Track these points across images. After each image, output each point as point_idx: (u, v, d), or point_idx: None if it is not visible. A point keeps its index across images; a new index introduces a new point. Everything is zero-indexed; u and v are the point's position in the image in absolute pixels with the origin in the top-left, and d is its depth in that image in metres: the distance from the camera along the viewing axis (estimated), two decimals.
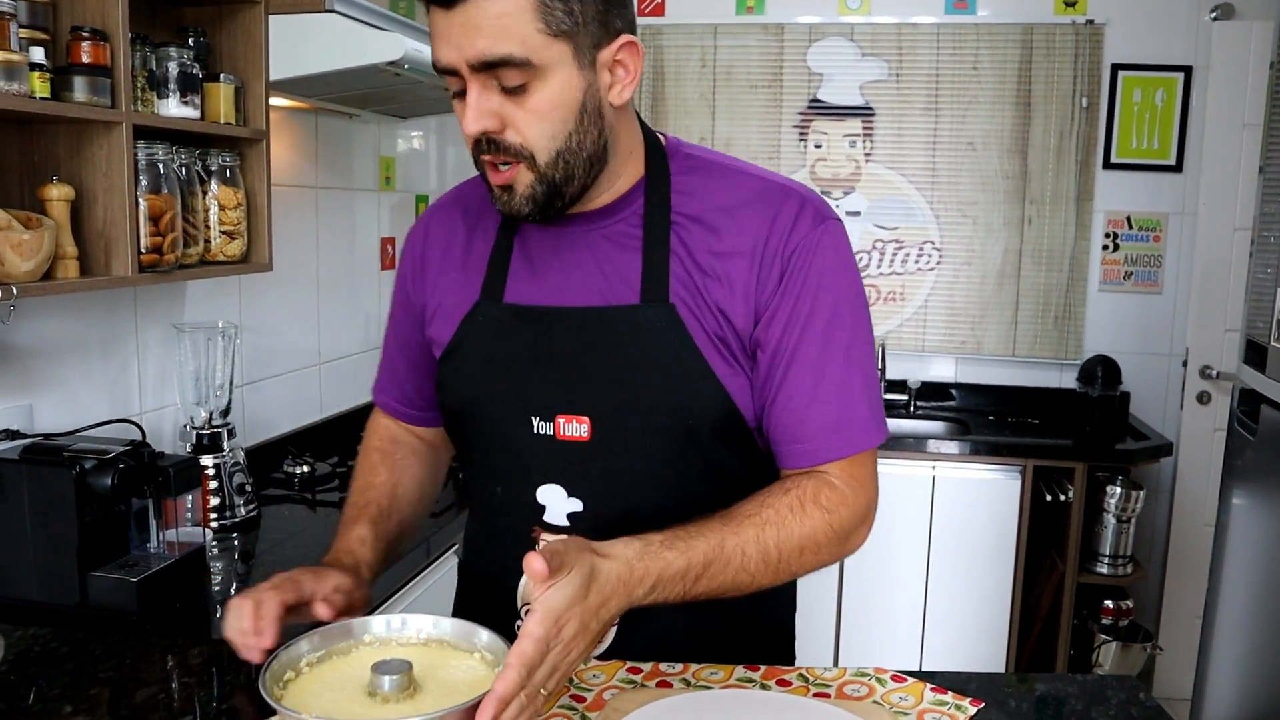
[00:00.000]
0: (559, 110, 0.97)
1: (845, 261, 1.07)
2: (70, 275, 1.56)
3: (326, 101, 2.44)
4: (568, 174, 1.00)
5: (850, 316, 1.06)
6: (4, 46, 1.39)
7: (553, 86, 0.96)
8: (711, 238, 1.05)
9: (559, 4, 0.93)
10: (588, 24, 0.95)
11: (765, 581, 1.00)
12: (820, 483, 1.04)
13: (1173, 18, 3.20)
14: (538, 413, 1.07)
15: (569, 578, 0.85)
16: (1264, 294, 1.91)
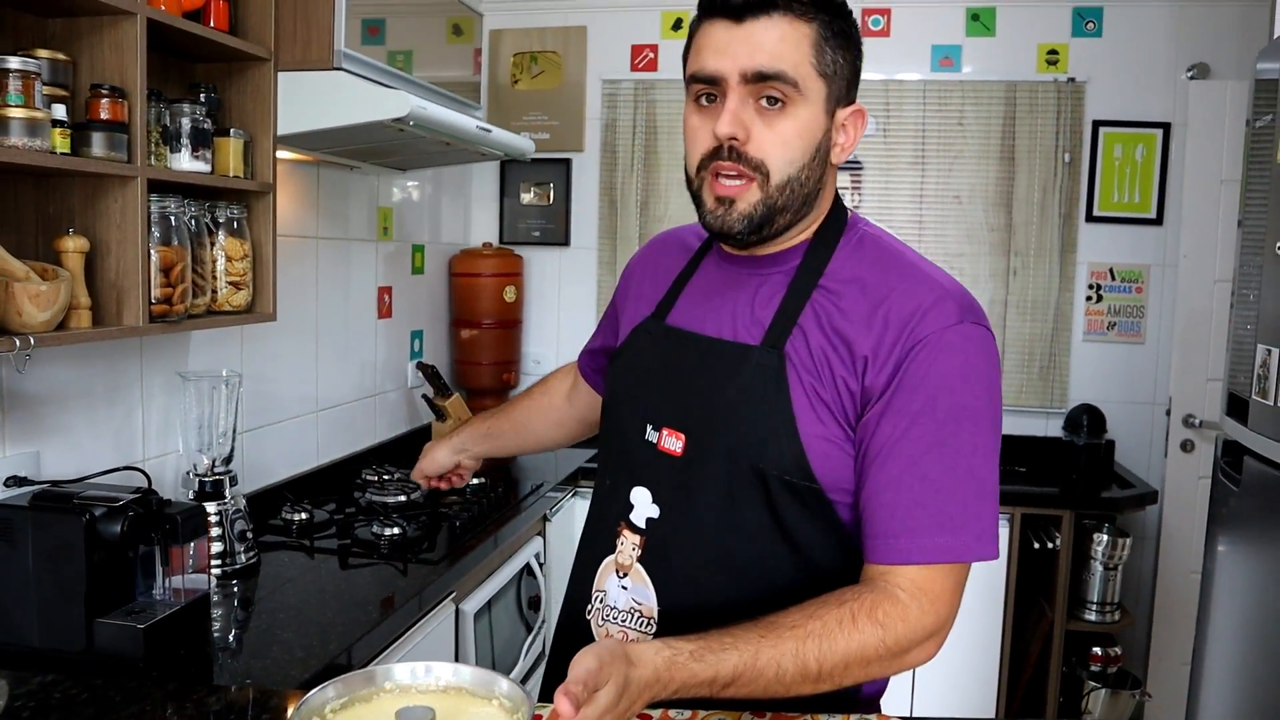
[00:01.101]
0: (801, 139, 1.08)
1: (975, 368, 1.06)
2: (83, 325, 1.59)
3: (330, 155, 2.49)
4: (787, 203, 1.10)
5: (970, 424, 1.05)
6: (29, 104, 1.43)
7: (804, 115, 1.07)
8: (848, 307, 1.09)
9: (829, 49, 1.07)
10: (840, 78, 1.09)
11: (805, 691, 1.00)
12: (881, 595, 1.03)
13: (1151, 76, 3.30)
14: (651, 420, 1.17)
15: (606, 691, 0.90)
16: (1244, 348, 1.97)
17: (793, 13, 1.06)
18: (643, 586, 1.16)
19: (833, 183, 1.16)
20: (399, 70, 2.29)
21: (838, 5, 1.09)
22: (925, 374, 1.04)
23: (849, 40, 1.10)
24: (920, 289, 1.08)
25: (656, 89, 3.54)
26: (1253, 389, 1.88)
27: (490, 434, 1.69)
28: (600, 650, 0.93)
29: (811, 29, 1.06)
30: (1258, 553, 1.92)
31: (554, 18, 3.58)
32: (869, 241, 1.16)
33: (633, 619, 1.17)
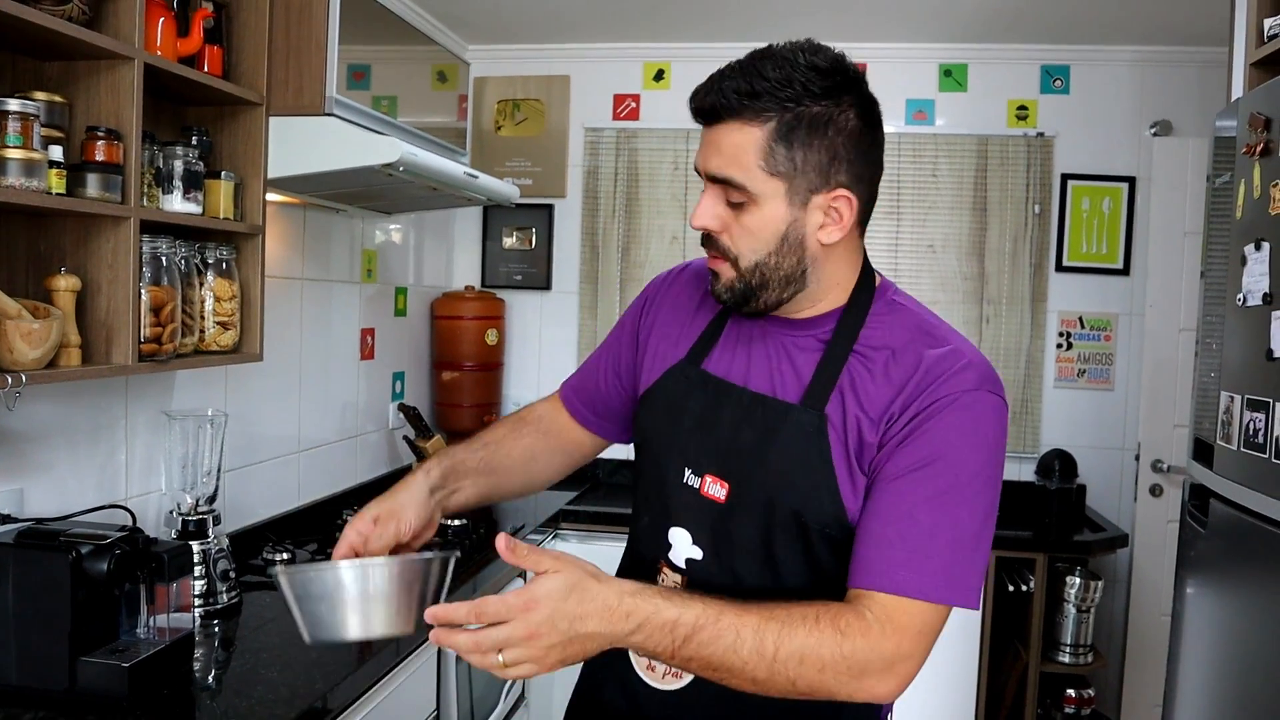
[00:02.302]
0: (763, 233, 1.13)
1: (983, 432, 1.10)
2: (73, 363, 1.61)
3: (317, 197, 2.52)
4: (762, 283, 1.15)
5: (968, 481, 1.09)
6: (27, 145, 1.46)
7: (764, 212, 1.12)
8: (878, 373, 1.14)
9: (783, 151, 1.09)
10: (806, 172, 1.10)
11: (759, 675, 1.02)
12: (849, 610, 1.06)
13: (1116, 132, 3.41)
14: (691, 465, 1.21)
15: (557, 575, 0.99)
16: (1209, 394, 2.02)
17: (743, 118, 1.09)
18: None
19: (841, 256, 1.18)
20: (387, 116, 2.33)
21: (797, 94, 1.08)
22: (936, 430, 1.09)
23: (820, 128, 1.09)
24: (946, 358, 1.13)
25: (639, 137, 3.61)
26: (1217, 434, 1.94)
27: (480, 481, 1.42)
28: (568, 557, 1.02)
29: (763, 132, 1.09)
30: (1225, 594, 1.96)
31: (538, 66, 3.65)
32: (900, 310, 1.20)
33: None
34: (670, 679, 1.22)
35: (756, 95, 1.08)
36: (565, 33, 3.50)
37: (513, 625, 0.98)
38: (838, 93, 1.10)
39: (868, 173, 1.15)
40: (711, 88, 1.11)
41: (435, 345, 3.50)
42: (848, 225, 1.14)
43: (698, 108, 1.13)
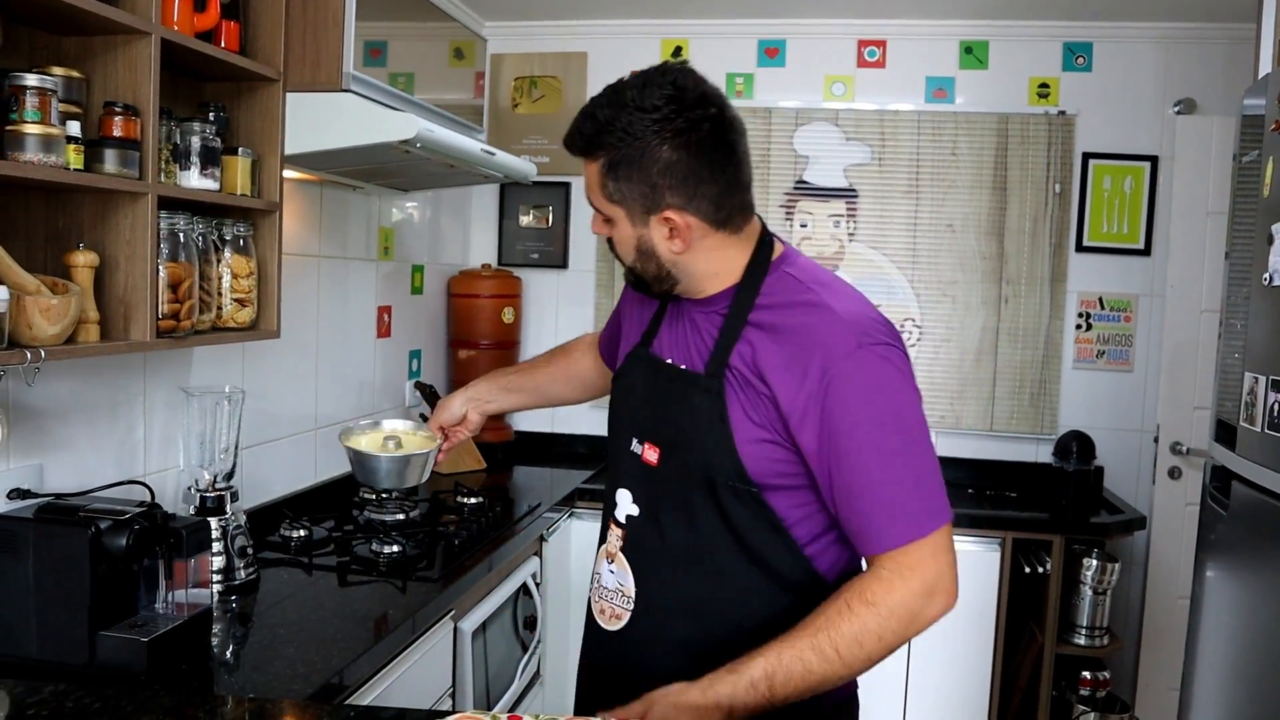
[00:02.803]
0: (623, 244, 1.36)
1: (880, 379, 1.24)
2: (91, 339, 1.61)
3: (333, 175, 2.52)
4: (640, 281, 1.39)
5: (894, 426, 1.24)
6: (45, 121, 1.46)
7: (619, 229, 1.34)
8: (777, 347, 1.28)
9: (611, 183, 1.30)
10: (632, 199, 1.29)
11: (840, 674, 1.20)
12: (868, 579, 1.24)
13: (1139, 111, 3.37)
14: (636, 434, 1.41)
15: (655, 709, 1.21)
16: (1232, 375, 2.00)
17: (585, 156, 1.32)
18: (624, 572, 1.42)
19: (707, 252, 1.33)
20: (404, 92, 2.32)
21: (610, 139, 1.27)
22: (844, 402, 1.23)
23: (630, 168, 1.27)
24: (821, 326, 1.27)
25: None
26: (1240, 415, 1.92)
27: (510, 388, 1.86)
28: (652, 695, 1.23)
29: (597, 167, 1.30)
30: (1246, 577, 1.94)
31: (555, 43, 3.63)
32: (788, 280, 1.34)
33: (617, 597, 1.43)
34: (614, 621, 1.43)
35: (587, 139, 1.30)
36: (582, 9, 3.47)
37: None
38: (658, 127, 1.25)
39: (704, 189, 1.29)
40: (573, 126, 1.33)
41: (452, 323, 3.50)
42: (691, 237, 1.30)
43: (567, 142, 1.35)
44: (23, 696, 1.21)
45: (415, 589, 2.05)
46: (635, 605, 1.40)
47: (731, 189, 1.32)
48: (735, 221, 1.34)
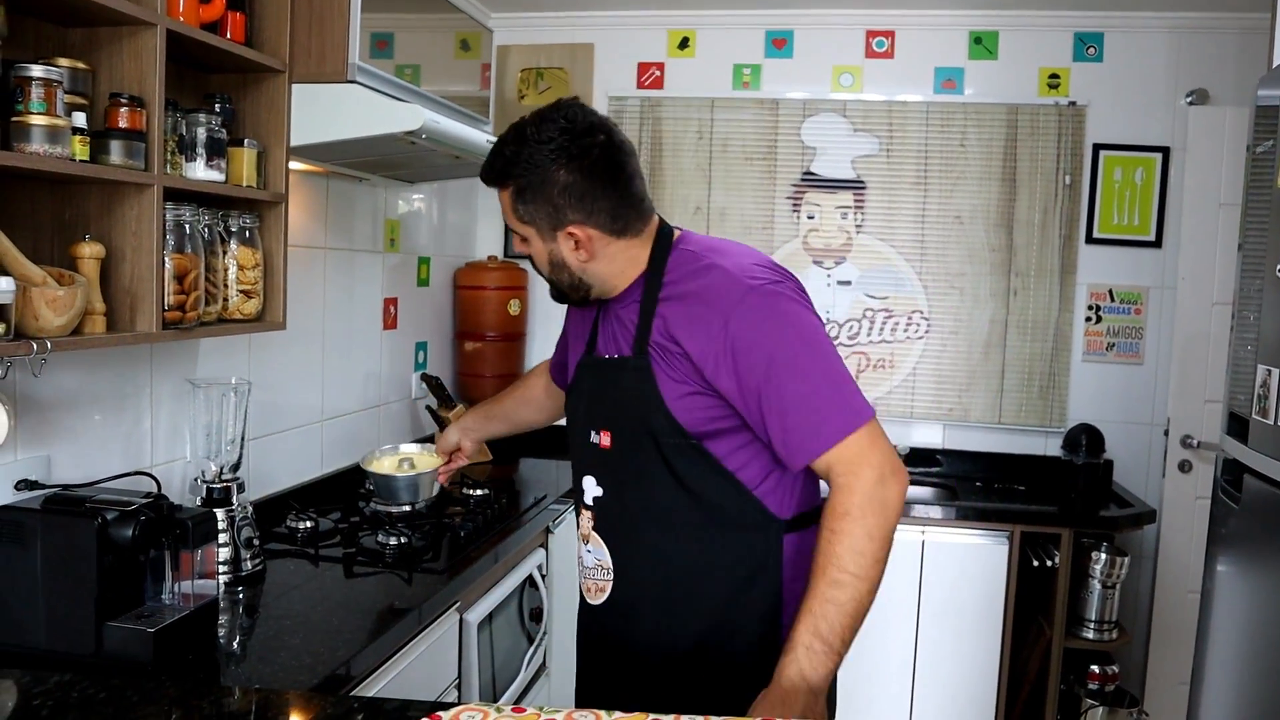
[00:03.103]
0: (538, 259, 1.56)
1: (774, 313, 1.43)
2: (98, 330, 1.61)
3: (339, 166, 2.51)
4: (559, 292, 1.60)
5: (795, 345, 1.41)
6: (51, 112, 1.46)
7: (533, 245, 1.55)
8: (684, 310, 1.47)
9: (521, 206, 1.50)
10: (539, 219, 1.50)
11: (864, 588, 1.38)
12: (831, 500, 1.41)
13: (1150, 101, 3.34)
14: (592, 426, 1.58)
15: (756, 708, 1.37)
16: (1244, 368, 1.99)
17: (496, 186, 1.53)
18: (600, 548, 1.59)
19: (613, 257, 1.53)
20: (410, 84, 2.31)
21: (513, 170, 1.48)
22: (748, 342, 1.40)
23: (534, 193, 1.48)
24: (715, 283, 1.45)
25: (663, 106, 3.57)
26: (1253, 408, 1.90)
27: (489, 417, 2.14)
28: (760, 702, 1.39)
29: (507, 195, 1.51)
30: (1258, 572, 1.93)
31: (561, 34, 3.62)
32: (685, 255, 1.53)
33: (598, 572, 1.60)
34: (599, 594, 1.61)
35: (498, 172, 1.51)
36: (588, 0, 3.46)
37: None
38: (554, 156, 1.45)
39: (600, 204, 1.48)
40: (484, 166, 1.54)
41: (458, 315, 3.50)
42: (594, 247, 1.50)
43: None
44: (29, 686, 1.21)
45: (421, 580, 2.05)
46: (614, 575, 1.57)
47: (625, 202, 1.50)
48: (634, 228, 1.52)
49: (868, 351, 3.53)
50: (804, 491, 1.54)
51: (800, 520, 1.53)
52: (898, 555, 2.97)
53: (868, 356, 3.53)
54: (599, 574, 1.60)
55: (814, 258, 3.55)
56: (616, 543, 1.57)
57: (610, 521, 1.58)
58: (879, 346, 3.52)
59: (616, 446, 1.54)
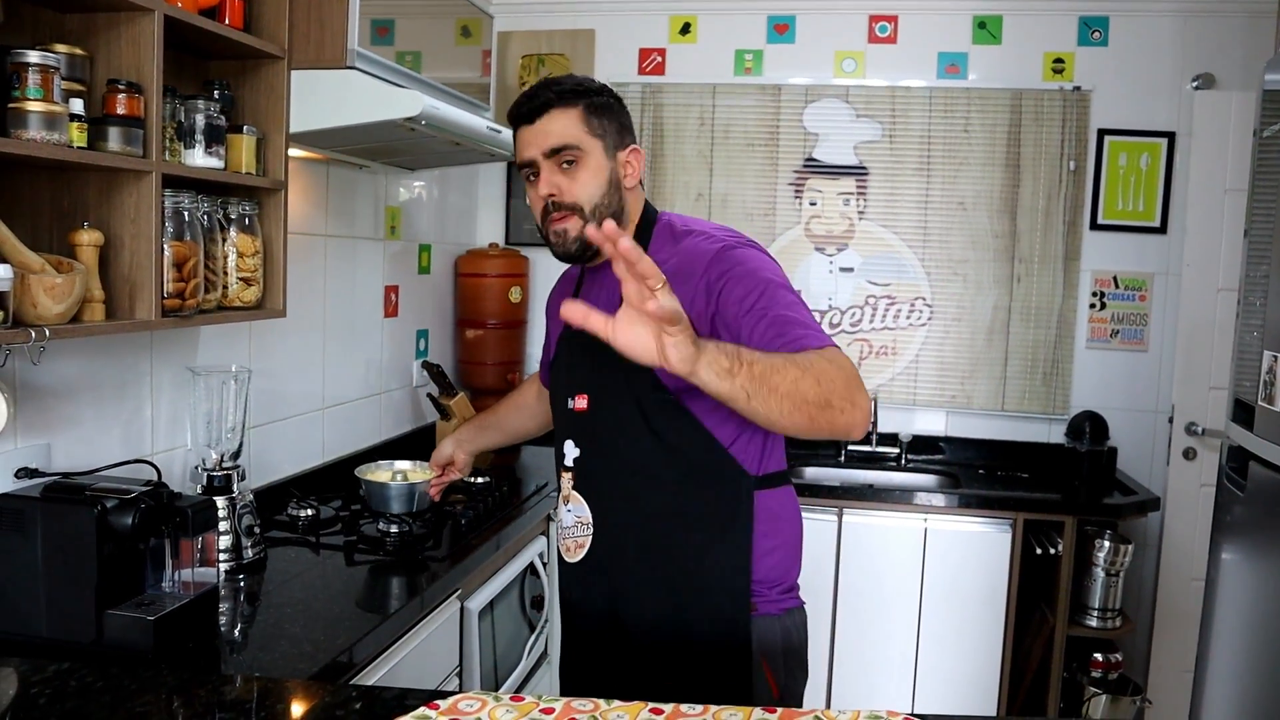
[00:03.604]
0: (596, 179, 1.60)
1: (750, 264, 1.51)
2: (97, 318, 1.60)
3: (340, 153, 2.50)
4: (565, 249, 1.61)
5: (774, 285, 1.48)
6: (48, 99, 1.44)
7: (592, 164, 1.59)
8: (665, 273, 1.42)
9: (593, 118, 1.59)
10: (609, 134, 1.61)
11: (801, 376, 1.29)
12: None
13: (1156, 86, 3.32)
14: (570, 393, 1.66)
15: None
16: (1250, 354, 1.98)
17: (560, 105, 1.58)
18: (579, 505, 1.66)
19: (636, 199, 1.67)
20: (410, 70, 2.30)
21: (591, 89, 1.60)
22: (730, 290, 1.47)
23: (608, 109, 1.61)
24: (694, 250, 1.55)
25: (664, 92, 3.56)
26: (1259, 395, 1.89)
27: (483, 427, 2.19)
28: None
29: (576, 110, 1.58)
30: (1263, 559, 1.92)
31: (562, 20, 3.60)
32: (672, 228, 1.64)
33: (577, 529, 1.67)
34: (578, 551, 1.66)
35: (565, 93, 1.58)
36: None
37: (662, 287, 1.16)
38: (607, 92, 1.63)
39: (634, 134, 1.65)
40: (533, 95, 1.60)
41: (459, 303, 3.49)
42: (639, 172, 1.64)
43: (525, 110, 1.60)
44: (28, 675, 1.21)
45: (422, 568, 2.05)
46: (593, 529, 1.64)
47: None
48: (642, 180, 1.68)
49: (870, 339, 3.52)
50: (774, 452, 1.62)
51: (770, 479, 1.61)
52: (901, 542, 2.99)
53: (870, 343, 3.52)
54: (578, 531, 1.67)
55: (816, 244, 3.54)
56: (595, 497, 1.65)
57: (588, 478, 1.65)
58: (881, 333, 3.51)
59: (593, 408, 1.63)
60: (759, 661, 1.58)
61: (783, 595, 1.63)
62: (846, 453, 3.52)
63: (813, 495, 3.07)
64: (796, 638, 1.64)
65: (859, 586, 3.07)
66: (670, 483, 1.58)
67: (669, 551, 1.59)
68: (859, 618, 3.08)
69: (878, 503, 3.06)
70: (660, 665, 1.61)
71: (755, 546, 1.58)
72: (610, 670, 1.68)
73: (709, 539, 1.58)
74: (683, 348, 1.17)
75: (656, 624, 1.61)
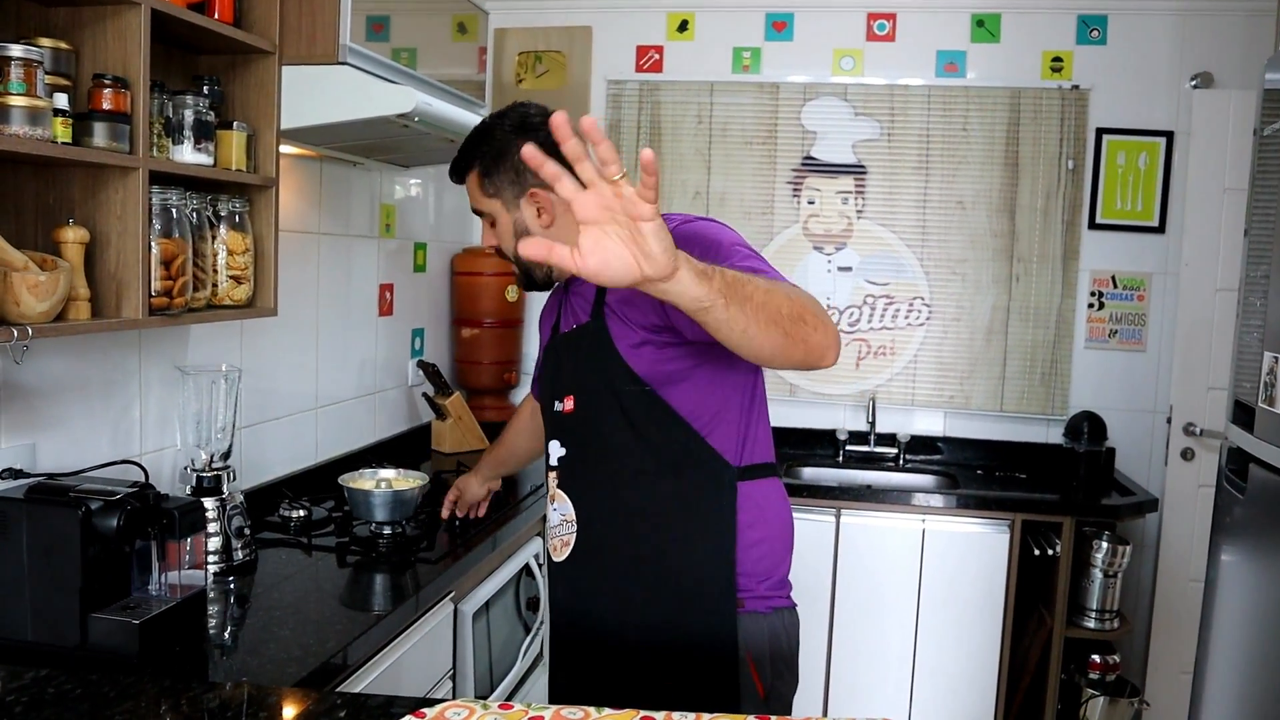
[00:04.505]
0: (505, 236, 1.68)
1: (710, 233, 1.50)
2: (82, 317, 1.58)
3: (333, 150, 2.48)
4: (528, 278, 1.71)
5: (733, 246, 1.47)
6: (31, 93, 1.42)
7: (500, 222, 1.68)
8: None
9: (486, 181, 1.66)
10: (504, 188, 1.65)
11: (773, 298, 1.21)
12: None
13: (1154, 85, 3.30)
14: (558, 396, 1.68)
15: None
16: (1250, 355, 1.96)
17: (462, 175, 1.70)
18: (564, 503, 1.67)
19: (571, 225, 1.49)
20: (404, 66, 2.27)
21: (478, 149, 1.66)
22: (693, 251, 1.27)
23: (497, 161, 1.64)
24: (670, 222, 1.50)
25: (661, 90, 3.53)
26: (1259, 396, 1.87)
27: (499, 461, 2.27)
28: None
29: (473, 176, 1.67)
30: (1262, 561, 1.90)
31: (559, 17, 3.58)
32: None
33: (563, 527, 1.68)
34: (564, 548, 1.67)
35: (463, 163, 1.69)
36: None
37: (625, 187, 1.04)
38: (511, 128, 1.63)
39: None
40: (450, 171, 1.73)
41: (455, 301, 3.47)
42: (555, 210, 1.64)
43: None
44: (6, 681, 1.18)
45: (415, 570, 2.02)
46: (578, 525, 1.65)
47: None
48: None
49: (868, 338, 3.50)
50: (757, 443, 1.62)
51: (754, 470, 1.60)
52: (899, 543, 2.98)
53: (868, 343, 3.50)
54: (564, 528, 1.67)
55: (814, 243, 3.51)
56: (580, 493, 1.65)
57: (573, 475, 1.66)
58: (880, 333, 3.49)
59: (578, 408, 1.64)
60: (744, 658, 1.56)
61: (771, 592, 1.62)
62: (844, 453, 3.50)
63: (810, 496, 3.05)
64: (786, 640, 1.62)
65: (856, 587, 3.05)
66: (650, 475, 1.58)
67: (653, 543, 1.59)
68: (856, 619, 3.06)
69: (875, 503, 3.04)
70: (647, 662, 1.60)
71: (740, 538, 1.57)
72: (598, 670, 1.67)
73: (692, 530, 1.57)
74: (663, 236, 1.03)
75: (643, 618, 1.60)
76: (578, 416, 1.64)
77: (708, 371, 1.56)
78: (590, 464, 1.64)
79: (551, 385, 1.72)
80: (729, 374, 1.58)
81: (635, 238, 1.03)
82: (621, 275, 1.05)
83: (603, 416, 1.60)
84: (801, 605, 1.70)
